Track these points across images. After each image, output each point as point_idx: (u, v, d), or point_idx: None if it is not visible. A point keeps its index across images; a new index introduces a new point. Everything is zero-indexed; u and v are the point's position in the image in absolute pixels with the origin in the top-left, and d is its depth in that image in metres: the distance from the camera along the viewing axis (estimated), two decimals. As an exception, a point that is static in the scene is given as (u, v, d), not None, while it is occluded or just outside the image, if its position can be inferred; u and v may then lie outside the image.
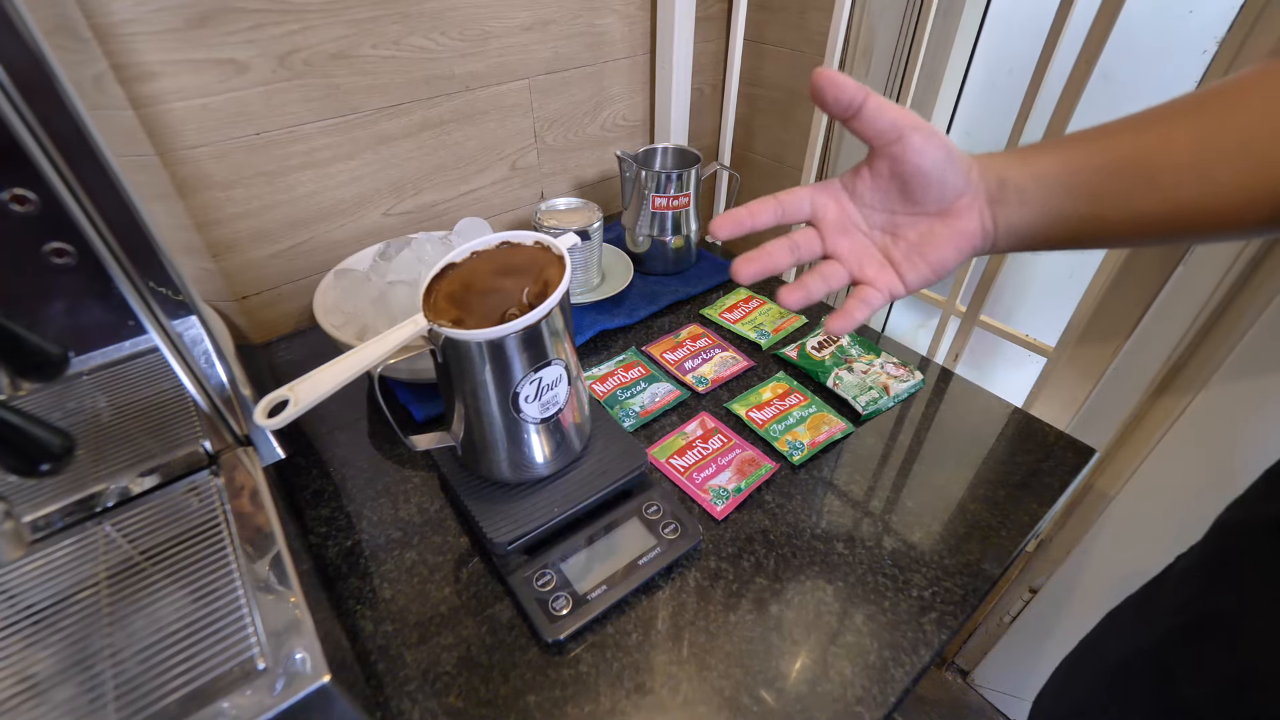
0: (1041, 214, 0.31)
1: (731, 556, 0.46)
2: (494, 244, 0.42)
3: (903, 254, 0.34)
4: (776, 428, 0.55)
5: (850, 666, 0.39)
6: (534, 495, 0.44)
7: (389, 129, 0.64)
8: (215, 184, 0.56)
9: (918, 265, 0.34)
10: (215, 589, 0.30)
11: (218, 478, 0.36)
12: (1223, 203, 0.28)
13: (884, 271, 0.35)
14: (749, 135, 0.93)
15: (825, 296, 0.34)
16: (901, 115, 0.31)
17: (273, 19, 0.53)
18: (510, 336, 0.37)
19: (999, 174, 0.32)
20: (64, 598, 0.29)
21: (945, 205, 0.32)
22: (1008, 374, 0.89)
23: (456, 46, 0.64)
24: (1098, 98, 0.65)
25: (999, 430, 0.56)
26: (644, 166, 0.70)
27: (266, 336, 0.66)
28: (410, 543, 0.47)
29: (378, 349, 0.36)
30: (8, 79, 0.23)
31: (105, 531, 0.33)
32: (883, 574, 0.44)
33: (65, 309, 0.29)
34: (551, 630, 0.39)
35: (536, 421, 0.42)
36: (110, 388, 0.40)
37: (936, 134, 0.31)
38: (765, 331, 0.67)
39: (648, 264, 0.75)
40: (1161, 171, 0.28)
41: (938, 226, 0.33)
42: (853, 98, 0.30)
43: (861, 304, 0.35)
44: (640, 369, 0.61)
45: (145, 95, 0.50)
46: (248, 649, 0.28)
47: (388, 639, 0.41)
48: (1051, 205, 0.31)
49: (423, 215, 0.71)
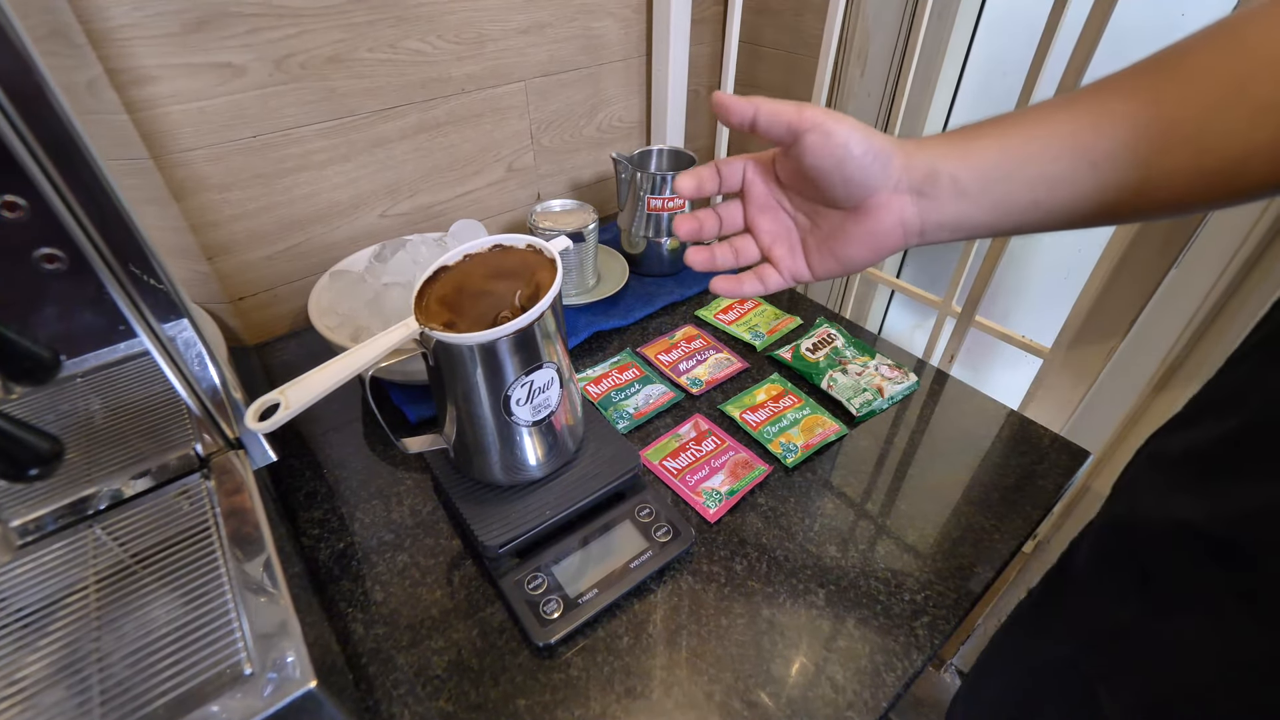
0: (979, 205, 0.29)
1: (724, 560, 0.46)
2: (486, 247, 0.42)
3: (815, 242, 0.34)
4: (770, 430, 0.55)
5: (842, 671, 0.39)
6: (526, 498, 0.44)
7: (385, 131, 0.64)
8: (211, 186, 0.57)
9: (826, 259, 0.34)
10: (204, 593, 0.30)
11: (209, 481, 0.37)
12: (1166, 183, 0.26)
13: (793, 255, 0.35)
14: (744, 137, 0.93)
15: (731, 267, 0.35)
16: (797, 118, 0.29)
17: (269, 23, 0.53)
18: (501, 340, 0.37)
19: (929, 165, 0.29)
20: (53, 601, 0.29)
21: (855, 202, 0.31)
22: (1003, 374, 0.89)
23: (452, 49, 0.64)
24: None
25: (994, 433, 0.56)
26: (639, 168, 0.70)
27: (261, 338, 0.67)
28: (402, 545, 0.47)
29: (369, 352, 0.36)
30: None
31: (95, 535, 0.33)
32: (875, 578, 0.44)
33: (57, 314, 0.29)
34: (542, 634, 0.39)
35: (528, 424, 0.42)
36: (103, 391, 0.40)
37: (837, 133, 0.29)
38: (760, 333, 0.67)
39: (643, 265, 0.75)
40: (1101, 154, 0.26)
41: (849, 224, 0.32)
42: (743, 114, 0.30)
43: (755, 281, 0.35)
44: (635, 370, 0.62)
45: (142, 99, 0.50)
46: (235, 653, 0.28)
47: (379, 642, 0.41)
48: (990, 195, 0.29)
49: (419, 217, 0.72)
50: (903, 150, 0.30)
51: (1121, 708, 0.31)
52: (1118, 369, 0.67)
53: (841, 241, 0.33)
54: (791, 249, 0.34)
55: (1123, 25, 0.55)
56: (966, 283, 0.77)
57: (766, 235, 0.35)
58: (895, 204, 0.30)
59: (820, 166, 0.30)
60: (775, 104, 0.30)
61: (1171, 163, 0.26)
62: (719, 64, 0.87)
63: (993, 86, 0.77)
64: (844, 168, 0.30)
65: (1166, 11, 0.60)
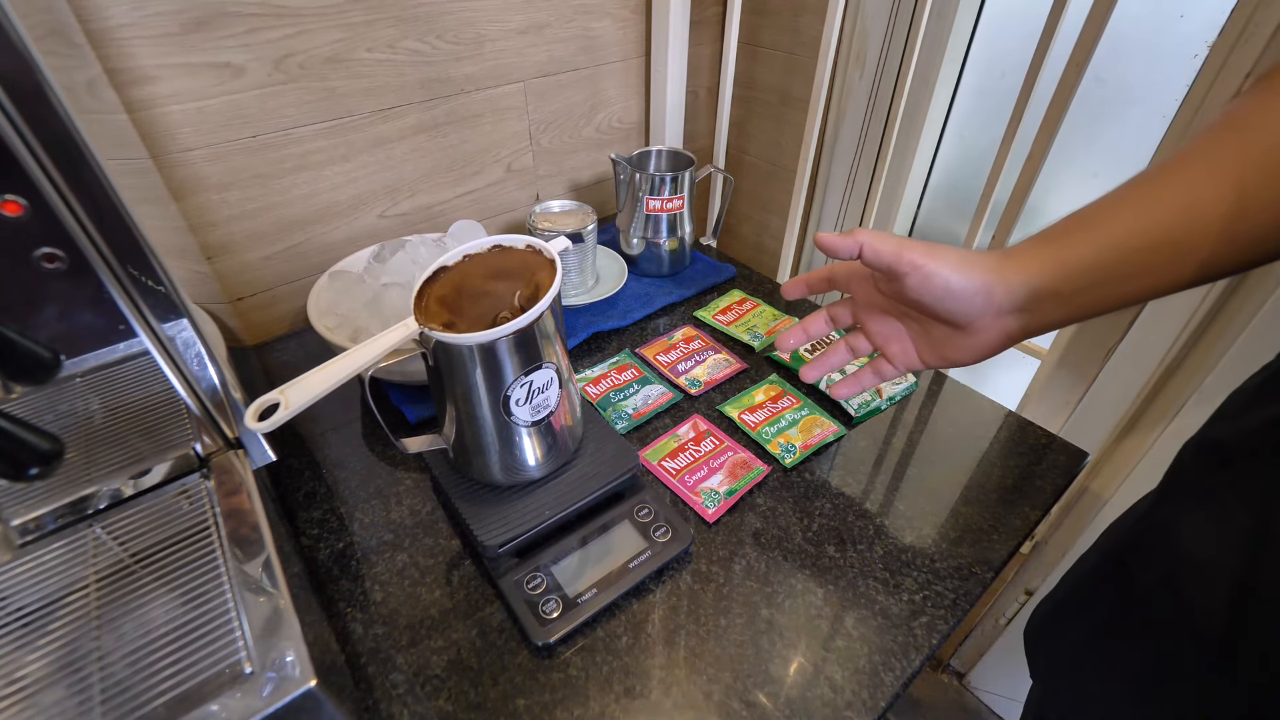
0: (1079, 306, 0.31)
1: (723, 560, 0.46)
2: (486, 247, 0.42)
3: (927, 345, 0.37)
4: (769, 430, 0.56)
5: (841, 671, 0.39)
6: (525, 498, 0.44)
7: (384, 131, 0.64)
8: (210, 186, 0.57)
9: (935, 358, 0.36)
10: (204, 592, 0.30)
11: (208, 480, 0.37)
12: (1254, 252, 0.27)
13: (906, 350, 0.37)
14: (743, 138, 0.94)
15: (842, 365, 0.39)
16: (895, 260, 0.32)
17: (268, 23, 0.53)
18: (501, 340, 0.37)
19: (1029, 285, 0.31)
20: (53, 600, 0.30)
21: (961, 325, 0.33)
22: (1000, 375, 0.89)
23: (451, 50, 0.64)
24: (1089, 100, 0.65)
25: (992, 433, 0.56)
26: (638, 169, 0.70)
27: (260, 338, 0.67)
28: (402, 545, 0.47)
29: (369, 352, 0.36)
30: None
31: (96, 534, 0.33)
32: (874, 578, 0.45)
33: (56, 313, 0.29)
34: (541, 633, 0.40)
35: (528, 424, 0.42)
36: (102, 390, 0.40)
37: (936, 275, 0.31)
38: (758, 334, 0.67)
39: (641, 266, 0.75)
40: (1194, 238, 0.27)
41: (956, 337, 0.34)
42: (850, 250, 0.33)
43: (873, 375, 0.38)
44: (633, 371, 0.62)
45: (140, 99, 0.50)
46: (235, 653, 0.28)
47: (378, 641, 0.41)
48: (1089, 297, 0.30)
49: (418, 217, 0.72)
50: (1002, 278, 0.31)
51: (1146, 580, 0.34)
52: (1115, 370, 0.68)
53: (952, 349, 0.35)
54: (904, 346, 0.38)
55: (1123, 25, 0.55)
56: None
57: (880, 337, 0.38)
58: (999, 324, 0.33)
59: (923, 302, 0.33)
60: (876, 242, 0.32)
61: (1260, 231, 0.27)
62: (718, 65, 0.87)
63: (991, 87, 0.77)
64: (945, 304, 0.32)
65: (1166, 12, 0.60)
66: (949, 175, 0.88)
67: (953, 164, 0.86)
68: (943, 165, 0.87)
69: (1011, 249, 0.32)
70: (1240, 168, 0.26)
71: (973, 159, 0.83)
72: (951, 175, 0.88)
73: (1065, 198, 0.74)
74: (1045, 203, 0.74)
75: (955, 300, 0.32)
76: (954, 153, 0.85)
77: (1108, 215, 0.30)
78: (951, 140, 0.85)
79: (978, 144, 0.82)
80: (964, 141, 0.83)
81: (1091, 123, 0.68)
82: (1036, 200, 0.67)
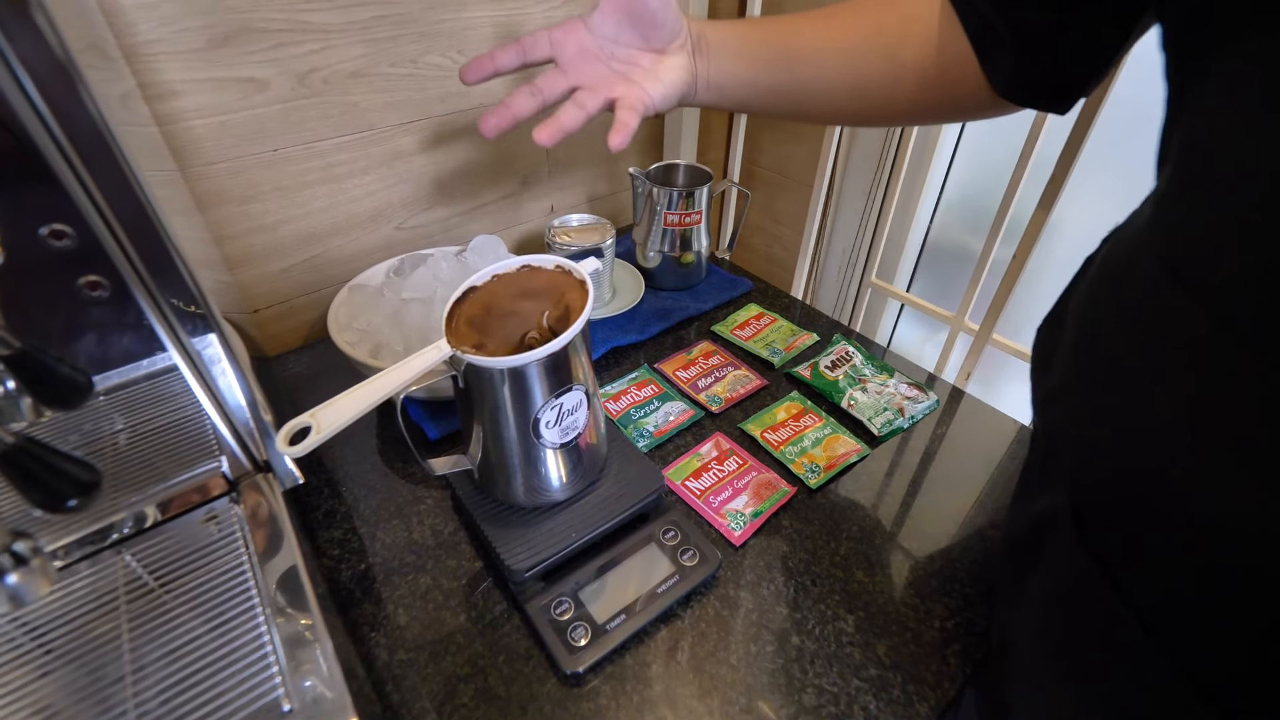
0: (722, 69, 0.43)
1: (751, 584, 0.45)
2: (514, 267, 0.42)
3: (641, 76, 0.44)
4: (792, 449, 0.55)
5: (875, 701, 0.39)
6: (550, 520, 0.44)
7: (404, 145, 0.64)
8: (232, 199, 0.56)
9: (655, 83, 0.43)
10: (238, 624, 0.30)
11: (237, 505, 0.36)
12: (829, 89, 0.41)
13: (632, 87, 0.43)
14: (755, 150, 0.94)
15: (582, 124, 0.43)
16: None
17: (294, 39, 0.53)
18: (533, 364, 0.37)
19: (699, 30, 0.44)
20: (84, 632, 0.29)
21: (664, 45, 0.44)
22: (1015, 389, 0.89)
23: (473, 64, 0.64)
24: (1108, 119, 0.65)
25: (1016, 452, 0.56)
26: (656, 184, 0.70)
27: (277, 350, 0.66)
28: (424, 566, 0.46)
29: (400, 375, 0.36)
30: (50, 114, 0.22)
31: (125, 561, 0.32)
32: (904, 604, 0.44)
33: (95, 339, 0.28)
34: (571, 662, 0.39)
35: (556, 446, 0.41)
36: (127, 410, 0.39)
37: None
38: (777, 349, 0.67)
39: (658, 279, 0.75)
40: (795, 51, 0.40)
41: (664, 59, 0.44)
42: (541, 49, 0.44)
43: (630, 111, 0.42)
44: (653, 387, 0.61)
45: (166, 113, 0.50)
46: (273, 689, 0.27)
47: (403, 668, 0.40)
48: (728, 65, 0.43)
49: (434, 229, 0.71)
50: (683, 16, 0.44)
51: None
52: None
53: (664, 69, 0.44)
54: (627, 83, 0.43)
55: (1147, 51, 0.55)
56: (981, 298, 0.77)
57: (600, 82, 0.44)
58: (686, 50, 0.44)
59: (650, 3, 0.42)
60: None
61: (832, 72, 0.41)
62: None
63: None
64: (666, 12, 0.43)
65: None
66: (962, 190, 0.88)
67: (966, 179, 0.86)
68: (956, 180, 0.87)
69: None
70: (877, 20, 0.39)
71: (988, 174, 0.83)
72: (964, 190, 0.88)
73: (1080, 214, 0.74)
74: (1061, 219, 0.74)
75: (669, 12, 0.42)
76: (968, 168, 0.85)
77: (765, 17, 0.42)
78: (966, 155, 0.85)
79: (993, 159, 0.82)
80: (979, 157, 0.83)
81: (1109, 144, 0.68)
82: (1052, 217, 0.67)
